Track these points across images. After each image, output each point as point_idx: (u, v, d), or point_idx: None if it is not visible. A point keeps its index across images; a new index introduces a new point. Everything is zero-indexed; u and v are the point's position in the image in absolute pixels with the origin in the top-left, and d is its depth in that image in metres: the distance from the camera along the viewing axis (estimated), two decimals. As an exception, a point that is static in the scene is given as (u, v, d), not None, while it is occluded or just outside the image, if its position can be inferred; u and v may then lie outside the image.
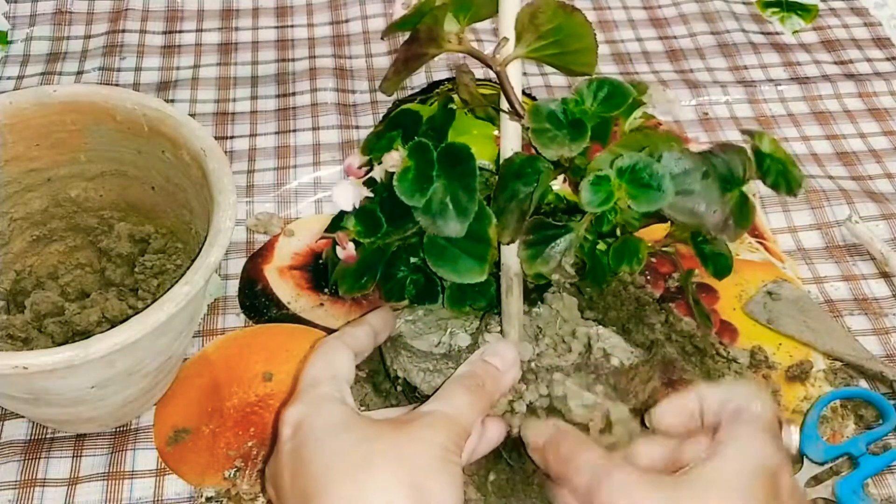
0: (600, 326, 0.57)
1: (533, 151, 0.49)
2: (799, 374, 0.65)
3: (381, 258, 0.54)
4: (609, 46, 0.93)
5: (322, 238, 0.72)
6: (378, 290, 0.55)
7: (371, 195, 0.52)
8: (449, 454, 0.47)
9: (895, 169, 0.82)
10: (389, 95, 0.52)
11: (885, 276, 0.73)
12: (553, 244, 0.50)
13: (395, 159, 0.49)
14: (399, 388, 0.59)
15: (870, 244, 0.74)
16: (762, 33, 0.95)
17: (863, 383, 0.65)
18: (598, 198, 0.47)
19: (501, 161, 0.50)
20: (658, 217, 0.50)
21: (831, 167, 0.82)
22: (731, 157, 0.51)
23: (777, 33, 0.95)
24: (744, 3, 0.99)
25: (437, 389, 0.52)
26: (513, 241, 0.50)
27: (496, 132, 0.56)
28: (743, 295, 0.70)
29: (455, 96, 0.54)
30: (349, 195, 0.52)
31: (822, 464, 0.60)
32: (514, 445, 0.56)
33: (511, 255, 0.52)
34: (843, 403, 0.64)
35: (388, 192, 0.50)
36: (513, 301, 0.54)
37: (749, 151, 0.52)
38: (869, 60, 0.92)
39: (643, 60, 0.92)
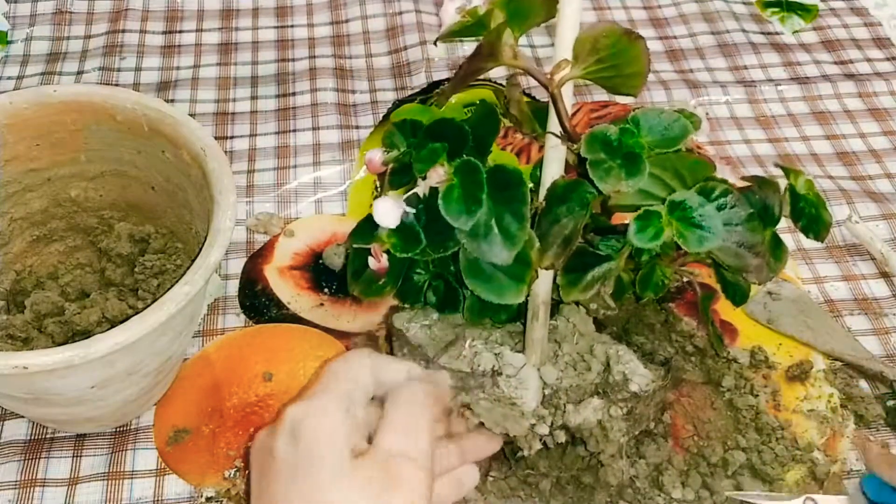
0: (619, 345, 0.56)
1: (574, 174, 0.48)
2: (799, 374, 0.65)
3: (404, 265, 0.53)
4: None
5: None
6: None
7: (412, 210, 0.50)
8: (424, 501, 0.47)
9: (895, 169, 0.82)
10: (441, 107, 0.51)
11: (885, 276, 0.73)
12: (592, 272, 0.49)
13: (440, 175, 0.47)
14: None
15: (870, 244, 0.74)
16: (762, 33, 0.95)
17: (863, 383, 0.65)
18: (647, 234, 0.47)
19: (543, 184, 0.49)
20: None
21: (831, 167, 0.82)
22: (767, 194, 0.51)
23: (777, 33, 0.95)
24: (744, 3, 0.99)
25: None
26: (553, 268, 0.49)
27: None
28: (743, 295, 0.70)
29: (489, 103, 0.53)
30: (391, 211, 0.49)
31: None
32: (512, 452, 0.56)
33: (540, 283, 0.51)
34: (843, 403, 0.64)
35: (428, 207, 0.48)
36: (538, 327, 0.53)
37: (780, 186, 0.52)
38: (869, 60, 0.92)
39: (643, 60, 0.92)
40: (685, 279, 0.66)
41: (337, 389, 0.49)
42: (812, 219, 0.52)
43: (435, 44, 0.85)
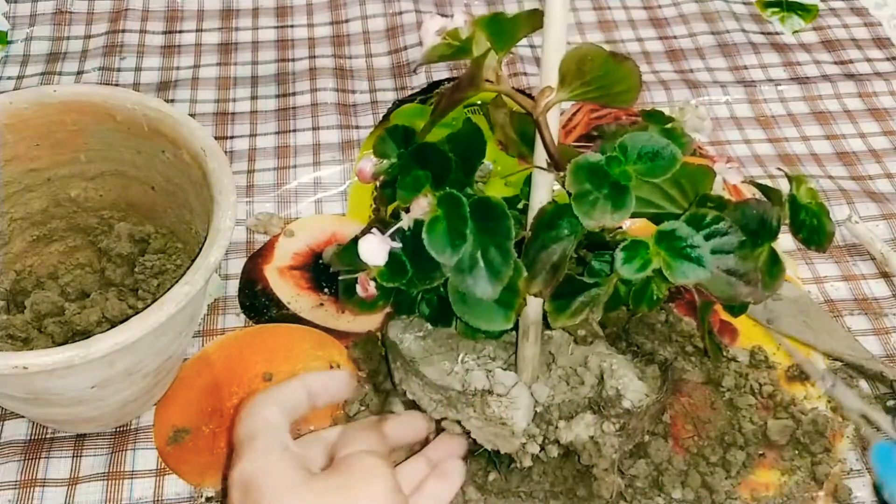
0: (614, 357, 0.56)
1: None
2: (799, 374, 0.65)
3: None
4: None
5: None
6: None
7: (398, 245, 0.49)
8: (394, 493, 0.48)
9: (895, 169, 0.82)
10: (422, 140, 0.50)
11: (885, 276, 0.73)
12: (580, 298, 0.49)
13: (423, 207, 0.47)
14: (404, 401, 0.59)
15: (870, 244, 0.74)
16: (762, 33, 0.95)
17: (863, 383, 0.65)
18: (634, 265, 0.46)
19: (531, 209, 0.48)
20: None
21: (831, 167, 0.82)
22: (765, 207, 0.50)
23: (777, 33, 0.95)
24: (744, 3, 0.99)
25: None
26: (541, 296, 0.48)
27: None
28: (743, 295, 0.70)
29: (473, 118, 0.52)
30: (378, 250, 0.49)
31: None
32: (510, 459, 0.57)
33: (531, 304, 0.51)
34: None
35: (414, 236, 0.48)
36: (528, 346, 0.53)
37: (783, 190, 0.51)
38: (869, 60, 0.92)
39: (643, 60, 0.92)
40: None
41: (261, 440, 0.50)
42: (813, 230, 0.51)
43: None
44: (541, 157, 0.46)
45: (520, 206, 0.52)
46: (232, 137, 0.82)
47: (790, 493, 0.60)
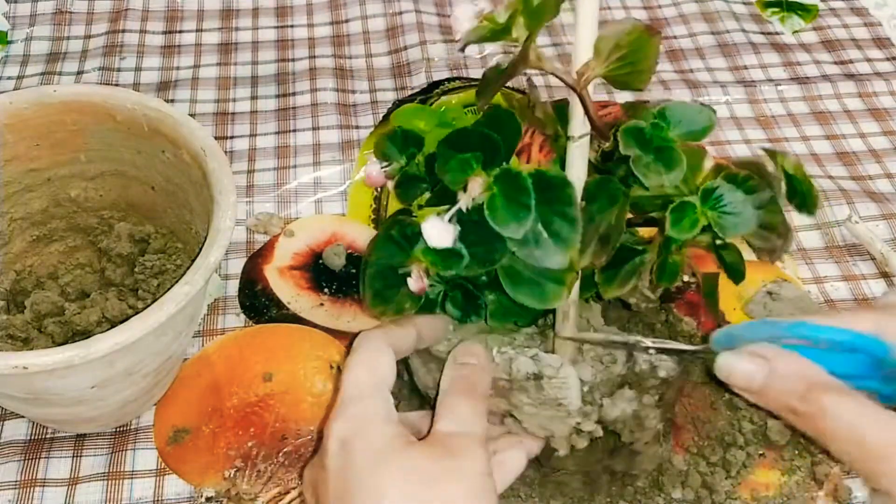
0: (638, 336, 0.56)
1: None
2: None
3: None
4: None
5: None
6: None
7: (458, 228, 0.48)
8: (487, 480, 0.47)
9: (895, 169, 0.82)
10: (479, 109, 0.51)
11: (885, 276, 0.73)
12: (626, 267, 0.50)
13: (479, 186, 0.46)
14: (431, 403, 0.58)
15: (870, 244, 0.74)
16: (762, 33, 0.95)
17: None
18: (685, 225, 0.48)
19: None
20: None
21: (831, 167, 0.82)
22: (767, 176, 0.52)
23: (777, 33, 0.95)
24: (744, 3, 0.99)
25: (437, 398, 0.51)
26: (593, 267, 0.49)
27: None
28: (743, 295, 0.70)
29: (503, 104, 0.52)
30: (444, 232, 0.47)
31: None
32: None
33: None
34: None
35: (463, 221, 0.47)
36: (568, 326, 0.53)
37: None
38: (869, 60, 0.92)
39: (643, 60, 0.92)
40: (686, 278, 0.66)
41: (365, 388, 0.49)
42: (804, 195, 0.53)
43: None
44: (577, 130, 0.47)
45: None
46: (232, 137, 0.82)
47: (790, 493, 0.60)
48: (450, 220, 0.48)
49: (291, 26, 0.95)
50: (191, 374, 0.65)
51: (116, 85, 0.86)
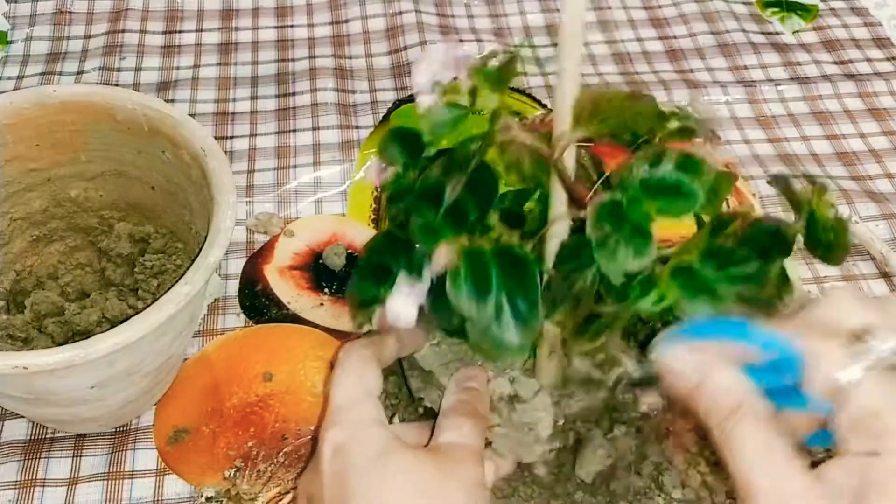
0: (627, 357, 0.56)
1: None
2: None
3: None
4: (609, 46, 0.93)
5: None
6: None
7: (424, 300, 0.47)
8: (481, 488, 0.47)
9: (895, 169, 0.82)
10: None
11: (885, 276, 0.73)
12: (597, 322, 0.48)
13: (445, 256, 0.45)
14: (421, 410, 0.58)
15: (870, 244, 0.74)
16: (762, 33, 0.95)
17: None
18: (649, 300, 0.45)
19: (549, 252, 0.47)
20: None
21: (831, 167, 0.82)
22: (780, 225, 0.49)
23: (777, 33, 0.95)
24: (744, 3, 0.99)
25: (438, 415, 0.51)
26: (562, 325, 0.48)
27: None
28: (743, 295, 0.70)
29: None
30: (406, 308, 0.46)
31: None
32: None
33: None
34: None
35: (436, 285, 0.46)
36: (547, 358, 0.53)
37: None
38: (869, 60, 0.92)
39: (643, 60, 0.92)
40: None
41: (356, 396, 0.49)
42: (829, 246, 0.50)
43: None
44: (558, 197, 0.46)
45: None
46: (232, 137, 0.82)
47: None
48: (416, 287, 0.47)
49: (291, 26, 0.95)
50: (191, 374, 0.65)
51: (116, 85, 0.86)
